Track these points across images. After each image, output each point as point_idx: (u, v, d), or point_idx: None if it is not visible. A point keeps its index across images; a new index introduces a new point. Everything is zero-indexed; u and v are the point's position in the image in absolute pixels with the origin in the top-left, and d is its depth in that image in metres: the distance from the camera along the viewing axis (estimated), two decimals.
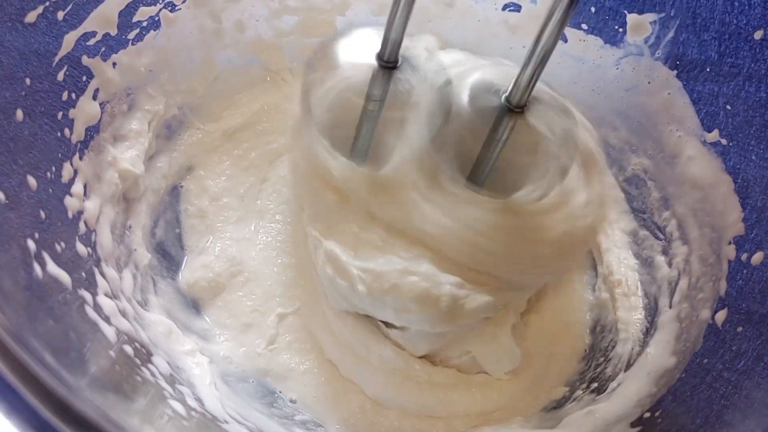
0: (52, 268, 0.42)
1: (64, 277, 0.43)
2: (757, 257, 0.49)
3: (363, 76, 0.49)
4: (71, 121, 0.50)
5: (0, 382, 0.31)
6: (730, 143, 0.53)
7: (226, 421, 0.49)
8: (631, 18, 0.59)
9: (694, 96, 0.56)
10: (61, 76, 0.49)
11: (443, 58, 0.54)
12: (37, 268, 0.41)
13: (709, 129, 0.55)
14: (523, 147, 0.49)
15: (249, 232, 0.64)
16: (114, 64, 0.54)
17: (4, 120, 0.42)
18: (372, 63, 0.49)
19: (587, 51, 0.62)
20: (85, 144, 0.51)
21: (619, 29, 0.60)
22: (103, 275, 0.49)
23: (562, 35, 0.62)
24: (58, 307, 0.42)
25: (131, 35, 0.56)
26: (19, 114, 0.44)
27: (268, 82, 0.70)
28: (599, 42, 0.62)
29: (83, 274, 0.47)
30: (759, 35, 0.50)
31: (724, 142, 0.53)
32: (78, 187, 0.49)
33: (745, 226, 0.51)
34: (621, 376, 0.55)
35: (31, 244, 0.41)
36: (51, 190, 0.46)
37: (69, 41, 0.49)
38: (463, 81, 0.50)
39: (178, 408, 0.46)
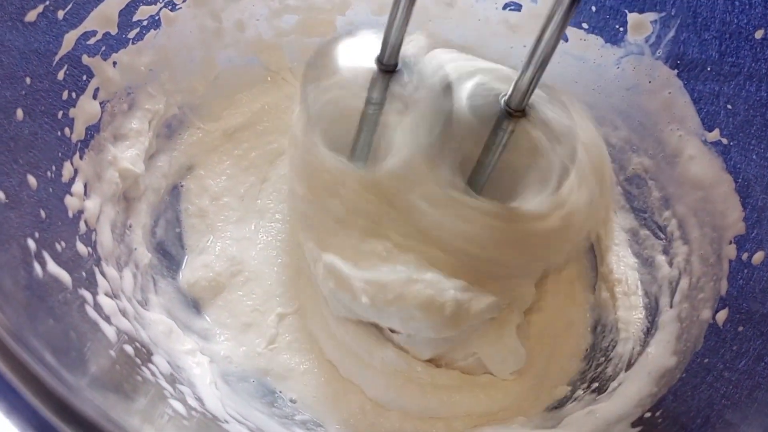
0: (53, 267, 0.42)
1: (65, 276, 0.43)
2: (757, 257, 0.49)
3: (362, 80, 0.49)
4: (71, 120, 0.50)
5: (0, 382, 0.31)
6: (730, 143, 0.53)
7: (227, 421, 0.49)
8: (631, 17, 0.59)
9: (695, 95, 0.56)
10: (61, 76, 0.49)
11: (441, 58, 0.54)
12: (38, 268, 0.41)
13: (709, 128, 0.55)
14: (523, 151, 0.49)
15: (249, 232, 0.64)
16: (114, 64, 0.54)
17: (4, 119, 0.42)
18: (371, 66, 0.49)
19: (588, 50, 0.62)
20: (86, 143, 0.51)
21: (620, 28, 0.60)
22: (103, 275, 0.49)
23: (563, 35, 0.63)
24: (58, 307, 0.42)
25: (131, 34, 0.56)
26: (20, 113, 0.44)
27: (269, 82, 0.70)
28: (600, 41, 0.62)
29: (83, 274, 0.47)
30: (760, 34, 0.50)
31: (725, 141, 0.53)
32: (78, 187, 0.49)
33: (746, 225, 0.51)
34: (622, 375, 0.55)
35: (31, 244, 0.41)
36: (51, 190, 0.46)
37: (69, 40, 0.49)
38: (463, 84, 0.50)
39: (179, 407, 0.46)
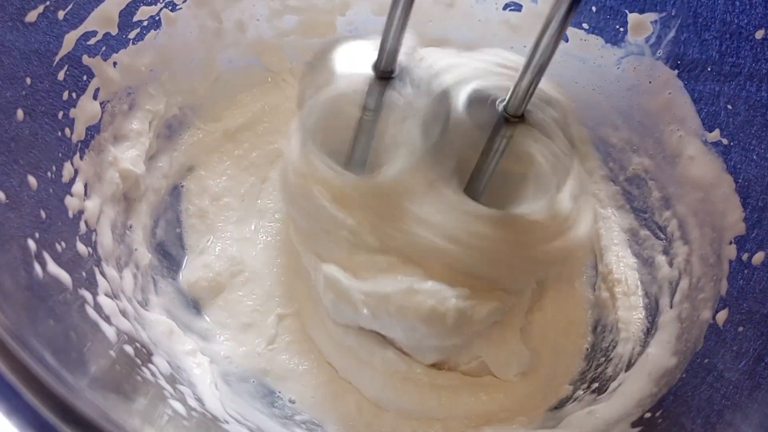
0: (53, 267, 0.42)
1: (65, 276, 0.43)
2: (758, 257, 0.49)
3: (359, 87, 0.49)
4: (72, 120, 0.50)
5: (0, 382, 0.31)
6: (731, 143, 0.53)
7: (227, 421, 0.49)
8: (632, 17, 0.59)
9: (695, 95, 0.56)
10: (61, 76, 0.49)
11: (439, 64, 0.54)
12: (38, 268, 0.41)
13: (710, 129, 0.55)
14: (521, 157, 0.49)
15: (249, 232, 0.64)
16: (114, 64, 0.54)
17: (4, 120, 0.42)
18: (368, 73, 0.49)
19: (588, 50, 0.62)
20: (86, 143, 0.51)
21: (620, 29, 0.60)
22: (103, 275, 0.49)
23: (563, 36, 0.63)
24: (58, 307, 0.42)
25: (132, 35, 0.56)
26: (20, 114, 0.44)
27: (269, 83, 0.70)
28: (600, 41, 0.62)
29: (84, 274, 0.47)
30: (760, 35, 0.50)
31: (725, 141, 0.53)
32: (78, 187, 0.49)
33: (746, 226, 0.51)
34: (622, 375, 0.55)
35: (31, 244, 0.41)
36: (51, 190, 0.46)
37: (69, 41, 0.49)
38: (461, 90, 0.50)
39: (179, 408, 0.46)
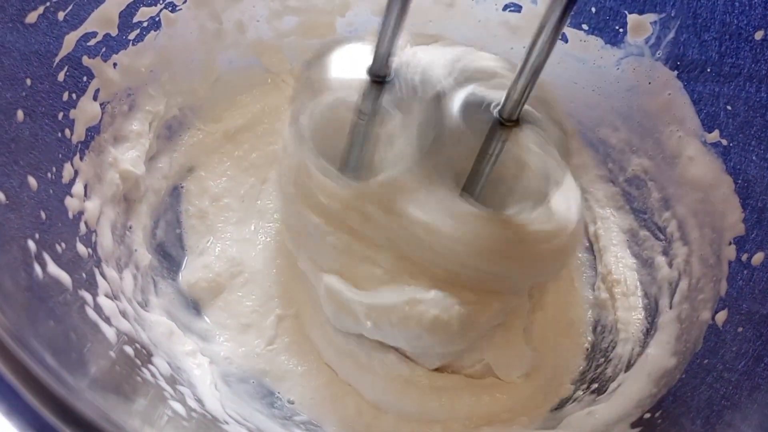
0: (53, 268, 0.42)
1: (65, 277, 0.43)
2: (757, 258, 0.49)
3: (353, 91, 0.49)
4: (72, 121, 0.50)
5: (0, 383, 0.31)
6: (730, 144, 0.53)
7: (227, 422, 0.49)
8: (631, 18, 0.59)
9: (695, 96, 0.56)
10: (61, 77, 0.49)
11: (435, 72, 0.54)
12: (38, 269, 0.41)
13: (709, 129, 0.55)
14: (517, 161, 0.49)
15: (249, 233, 0.64)
16: (114, 65, 0.54)
17: (4, 120, 0.42)
18: (362, 77, 0.48)
19: (588, 51, 0.62)
20: (86, 144, 0.51)
21: (620, 29, 0.60)
22: (103, 276, 0.49)
23: (563, 36, 0.63)
24: (58, 308, 0.42)
25: (132, 36, 0.56)
26: (20, 114, 0.44)
27: (269, 84, 0.70)
28: (600, 42, 0.62)
29: (84, 275, 0.47)
30: (760, 35, 0.50)
31: (725, 142, 0.53)
32: (78, 188, 0.49)
33: (746, 226, 0.51)
34: (621, 376, 0.55)
35: (31, 245, 0.41)
36: (51, 191, 0.46)
37: (69, 42, 0.49)
38: (456, 94, 0.50)
39: (179, 409, 0.46)
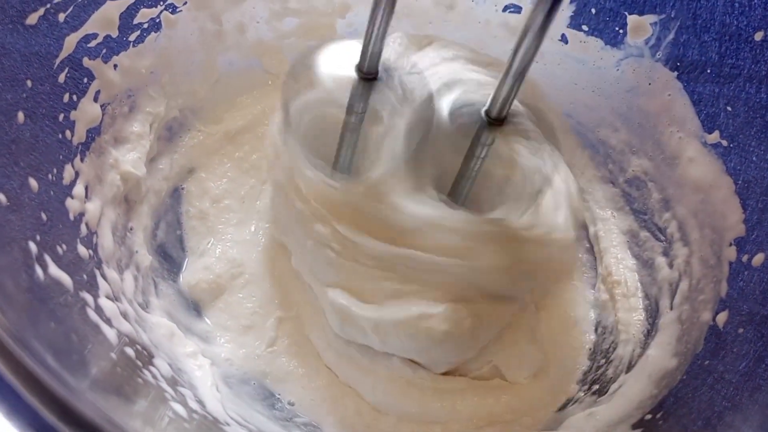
0: (54, 270, 0.42)
1: (66, 279, 0.43)
2: (757, 259, 0.49)
3: (343, 89, 0.49)
4: (72, 123, 0.50)
5: (1, 384, 0.31)
6: (730, 145, 0.53)
7: (228, 424, 0.49)
8: (631, 19, 0.59)
9: (695, 97, 0.56)
10: (62, 78, 0.49)
11: (423, 62, 0.54)
12: (39, 270, 0.41)
13: (709, 130, 0.55)
14: (504, 161, 0.49)
15: (249, 234, 0.64)
16: (115, 66, 0.54)
17: (5, 122, 0.42)
18: (352, 75, 0.48)
19: (588, 52, 0.63)
20: (87, 146, 0.51)
21: (620, 30, 0.60)
22: (104, 277, 0.49)
23: (563, 36, 0.63)
24: (59, 309, 0.42)
25: (132, 37, 0.56)
26: (21, 116, 0.44)
27: (270, 85, 0.70)
28: (600, 43, 0.62)
29: (84, 276, 0.47)
30: (759, 36, 0.50)
31: (725, 143, 0.53)
32: (79, 189, 0.49)
33: (746, 227, 0.51)
34: (622, 377, 0.55)
35: (32, 246, 0.41)
36: (52, 192, 0.46)
37: (70, 43, 0.49)
38: (445, 94, 0.50)
39: (180, 410, 0.46)
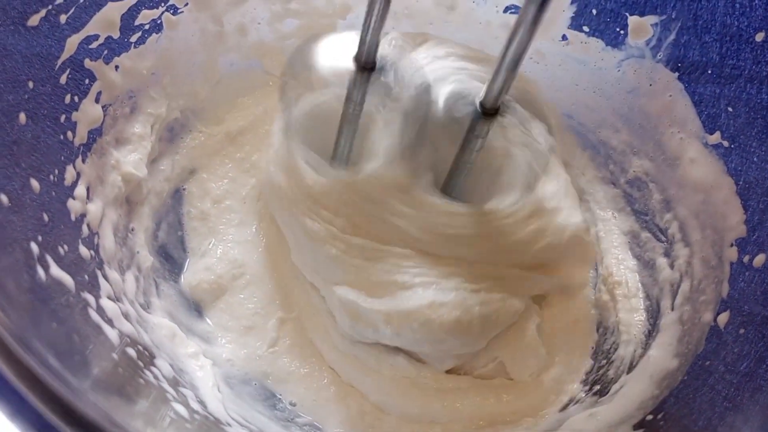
0: (55, 270, 0.42)
1: (67, 279, 0.43)
2: (759, 259, 0.49)
3: (341, 80, 0.49)
4: (74, 124, 0.50)
5: (4, 385, 0.31)
6: (731, 145, 0.53)
7: (229, 424, 0.49)
8: (632, 20, 0.59)
9: (696, 98, 0.56)
10: (63, 79, 0.49)
11: (422, 64, 0.54)
12: (40, 271, 0.41)
13: (710, 131, 0.55)
14: (498, 150, 0.49)
15: (251, 235, 0.64)
16: (116, 67, 0.55)
17: (7, 123, 0.42)
18: (349, 66, 0.48)
19: (589, 53, 0.63)
20: (88, 147, 0.51)
21: (621, 31, 0.60)
22: (105, 278, 0.49)
23: (563, 37, 0.63)
24: (61, 310, 0.42)
25: (133, 38, 0.56)
26: (22, 117, 0.44)
27: (270, 86, 0.70)
28: (600, 44, 0.62)
29: (86, 277, 0.47)
30: (760, 37, 0.50)
31: (726, 144, 0.53)
32: (81, 190, 0.49)
33: (747, 228, 0.51)
34: (623, 378, 0.55)
35: (34, 247, 0.41)
36: (54, 193, 0.46)
37: (71, 44, 0.49)
38: (441, 85, 0.50)
39: (181, 410, 0.46)
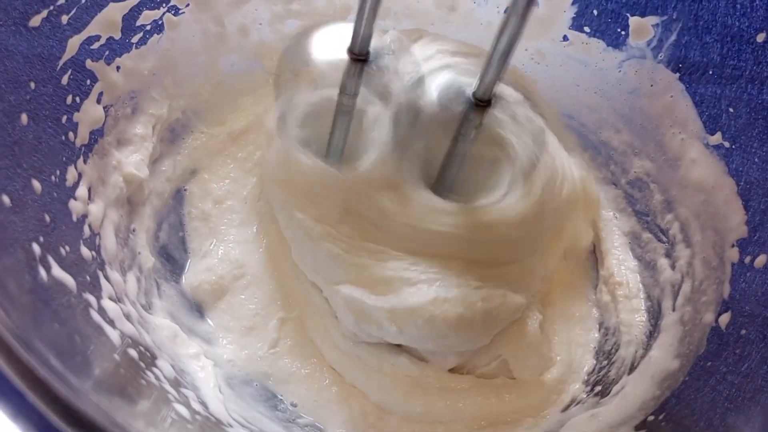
0: (57, 271, 0.42)
1: (69, 280, 0.43)
2: (760, 260, 0.49)
3: (335, 71, 0.49)
4: (75, 124, 0.50)
5: (5, 386, 0.31)
6: (732, 146, 0.53)
7: (230, 425, 0.49)
8: (633, 21, 0.59)
9: (697, 99, 0.56)
10: (65, 80, 0.49)
11: (417, 52, 0.54)
12: (42, 272, 0.41)
13: (711, 132, 0.55)
14: (491, 142, 0.49)
15: (252, 235, 0.64)
16: (118, 68, 0.55)
17: (8, 124, 0.43)
18: (343, 57, 0.48)
19: (590, 54, 0.63)
20: (90, 147, 0.51)
21: (622, 32, 0.60)
22: (107, 278, 0.49)
23: (564, 37, 0.63)
24: (62, 311, 0.42)
25: (135, 39, 0.56)
26: (24, 118, 0.44)
27: (271, 86, 0.70)
28: (602, 45, 0.62)
29: (88, 278, 0.47)
30: (761, 38, 0.50)
31: (727, 144, 0.53)
32: (82, 191, 0.49)
33: (748, 229, 0.51)
34: (624, 379, 0.55)
35: (35, 248, 0.41)
36: (55, 194, 0.46)
37: (73, 45, 0.49)
38: (434, 78, 0.50)
39: (183, 411, 0.46)
